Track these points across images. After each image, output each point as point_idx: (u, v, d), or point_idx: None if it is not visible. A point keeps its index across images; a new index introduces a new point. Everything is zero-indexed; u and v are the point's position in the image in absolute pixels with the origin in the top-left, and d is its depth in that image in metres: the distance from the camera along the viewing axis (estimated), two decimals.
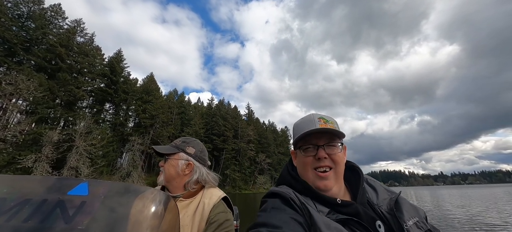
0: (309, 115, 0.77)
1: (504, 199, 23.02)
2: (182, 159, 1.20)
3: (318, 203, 0.65)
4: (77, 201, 0.41)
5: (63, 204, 0.41)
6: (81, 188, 0.43)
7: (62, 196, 0.42)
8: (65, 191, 0.43)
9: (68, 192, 0.43)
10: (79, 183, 0.44)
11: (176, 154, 1.21)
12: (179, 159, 1.20)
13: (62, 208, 0.40)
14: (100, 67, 40.54)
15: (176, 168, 1.18)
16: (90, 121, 33.23)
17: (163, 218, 0.47)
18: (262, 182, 62.44)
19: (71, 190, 0.43)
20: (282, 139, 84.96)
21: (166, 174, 1.18)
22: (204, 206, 1.09)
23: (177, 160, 1.20)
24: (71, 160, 29.02)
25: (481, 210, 15.18)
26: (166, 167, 1.19)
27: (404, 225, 0.60)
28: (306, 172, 0.72)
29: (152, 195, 0.49)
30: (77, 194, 0.42)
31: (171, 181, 1.18)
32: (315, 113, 0.79)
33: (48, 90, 30.13)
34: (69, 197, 0.42)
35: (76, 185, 0.44)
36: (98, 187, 0.46)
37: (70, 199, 0.42)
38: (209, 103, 72.89)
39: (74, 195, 0.42)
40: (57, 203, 0.40)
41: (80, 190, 0.43)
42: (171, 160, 1.19)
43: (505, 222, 10.77)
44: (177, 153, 1.21)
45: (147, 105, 46.26)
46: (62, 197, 0.42)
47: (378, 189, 0.74)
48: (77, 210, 0.40)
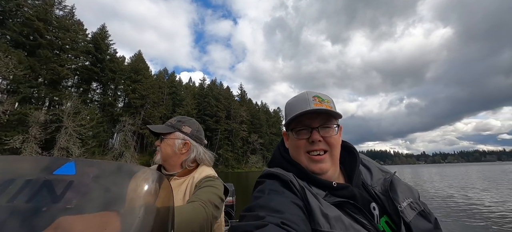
0: (303, 93, 0.72)
1: (473, 176, 25.49)
2: (179, 138, 1.20)
3: (314, 187, 0.63)
4: (65, 181, 0.40)
5: (50, 184, 0.39)
6: (68, 168, 0.42)
7: (48, 176, 0.40)
8: (51, 171, 0.41)
9: (54, 171, 0.41)
10: (65, 162, 0.42)
11: (172, 133, 1.20)
12: (175, 138, 1.20)
13: (49, 188, 0.38)
14: (83, 44, 38.31)
15: (173, 147, 1.18)
16: (78, 101, 32.22)
17: (158, 196, 0.46)
18: (254, 161, 64.38)
19: (57, 170, 0.41)
20: (275, 119, 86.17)
21: (163, 153, 1.18)
22: (192, 181, 1.11)
23: (173, 139, 1.19)
24: (61, 141, 28.60)
25: (449, 185, 17.28)
26: (163, 146, 1.18)
27: (398, 206, 0.60)
28: (299, 155, 0.69)
29: (145, 174, 0.48)
30: (64, 173, 0.41)
31: (168, 160, 1.19)
32: (310, 91, 0.74)
33: (29, 68, 28.53)
34: (56, 176, 0.40)
35: (62, 165, 0.42)
36: (86, 166, 0.45)
37: (57, 179, 0.40)
38: (201, 83, 71.74)
39: (60, 174, 0.41)
40: (43, 183, 0.39)
41: (67, 169, 0.41)
42: (167, 140, 1.19)
43: (467, 196, 12.01)
44: (173, 133, 1.20)
45: (136, 84, 44.95)
46: (48, 177, 0.40)
47: (372, 170, 0.73)
48: (65, 189, 0.39)
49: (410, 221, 0.58)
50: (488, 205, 9.20)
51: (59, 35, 33.19)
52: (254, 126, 71.27)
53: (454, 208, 8.90)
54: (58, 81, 33.81)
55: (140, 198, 0.43)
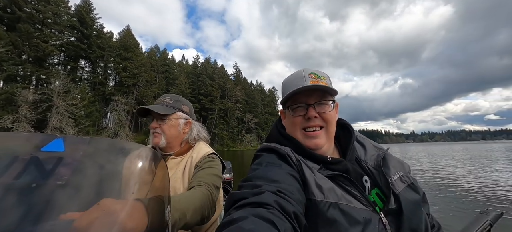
0: (299, 71, 0.73)
1: (458, 154, 26.91)
2: (181, 118, 1.20)
3: (309, 161, 0.66)
4: (54, 157, 0.39)
5: (38, 161, 0.38)
6: (56, 144, 0.40)
7: (35, 152, 0.39)
8: (38, 148, 0.40)
9: (42, 148, 0.40)
10: (53, 139, 0.41)
11: (174, 113, 1.17)
12: (178, 118, 1.18)
13: (37, 165, 0.38)
14: (66, 18, 35.89)
15: (177, 128, 1.17)
16: (67, 80, 31.14)
17: (155, 175, 0.46)
18: (249, 140, 65.54)
19: (44, 147, 0.40)
20: (270, 99, 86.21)
21: (167, 135, 1.14)
22: (191, 160, 1.11)
23: (177, 119, 1.18)
24: (53, 120, 28.17)
25: (431, 160, 18.85)
26: (166, 128, 1.14)
27: (389, 179, 0.64)
28: (295, 132, 0.71)
29: (140, 151, 0.48)
30: (52, 150, 0.40)
31: (172, 142, 1.17)
32: (306, 68, 0.74)
33: (10, 44, 26.91)
34: (44, 153, 0.39)
35: (49, 141, 0.41)
36: (76, 143, 0.44)
37: (45, 155, 0.39)
38: (195, 61, 69.70)
39: (49, 151, 0.39)
40: (31, 160, 0.38)
41: (55, 146, 0.40)
42: (171, 121, 1.16)
43: (444, 171, 12.90)
44: (175, 113, 1.18)
45: (127, 62, 43.32)
46: (36, 153, 0.39)
47: (367, 146, 0.76)
48: (55, 166, 0.38)
49: (399, 193, 0.62)
50: (457, 178, 9.98)
51: (39, 8, 30.87)
52: (249, 105, 71.35)
53: (430, 181, 9.59)
54: (44, 58, 32.22)
55: (138, 176, 0.42)
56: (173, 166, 1.11)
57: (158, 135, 1.13)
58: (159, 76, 55.26)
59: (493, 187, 7.90)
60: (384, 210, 0.59)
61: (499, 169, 12.47)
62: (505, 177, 9.79)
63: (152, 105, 1.18)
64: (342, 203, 0.56)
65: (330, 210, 0.54)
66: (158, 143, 1.13)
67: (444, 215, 5.17)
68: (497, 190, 7.43)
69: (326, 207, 0.55)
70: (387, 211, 0.59)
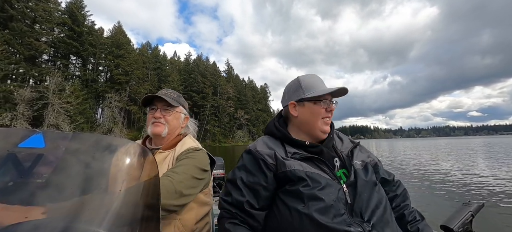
0: (313, 75, 0.95)
1: (441, 149, 27.65)
2: (183, 113, 1.26)
3: (290, 146, 0.85)
4: (33, 154, 0.36)
5: (15, 158, 0.35)
6: (35, 140, 0.37)
7: (12, 148, 0.36)
8: (15, 144, 0.36)
9: (19, 144, 0.36)
10: (31, 134, 0.38)
11: (178, 107, 1.23)
12: (180, 112, 1.24)
13: (15, 162, 0.35)
14: (57, 14, 36.12)
15: (179, 120, 1.23)
16: (61, 78, 31.84)
17: (143, 169, 0.45)
18: (241, 136, 67.49)
19: (22, 143, 0.37)
20: (261, 96, 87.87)
21: (171, 126, 1.18)
22: (174, 153, 1.13)
23: (179, 113, 1.24)
24: (49, 118, 28.95)
25: (416, 155, 19.55)
26: (171, 118, 1.18)
27: (352, 162, 0.84)
28: (316, 120, 0.87)
29: (128, 148, 0.46)
30: (31, 146, 0.36)
31: (172, 133, 1.21)
32: (314, 74, 0.97)
33: (5, 43, 27.38)
34: (21, 149, 0.36)
35: (28, 137, 0.37)
36: (58, 138, 0.41)
37: (23, 152, 0.36)
38: (187, 58, 70.21)
39: (27, 147, 0.36)
40: (8, 157, 0.35)
41: (34, 142, 0.37)
42: (175, 113, 1.21)
43: (433, 165, 12.62)
44: (179, 107, 1.23)
45: (119, 60, 43.91)
46: (13, 150, 0.36)
47: (344, 140, 0.97)
48: (34, 163, 0.35)
49: (357, 171, 0.81)
50: (441, 171, 10.10)
51: (29, 5, 31.15)
52: (241, 102, 72.76)
53: (415, 174, 9.64)
54: (36, 57, 32.65)
55: (125, 171, 0.41)
56: (160, 161, 1.12)
57: (162, 125, 1.16)
58: (151, 73, 55.79)
59: (475, 180, 8.09)
60: (346, 183, 0.77)
61: (480, 162, 12.73)
62: (486, 170, 10.02)
63: (169, 96, 1.21)
64: (309, 171, 0.75)
65: (298, 173, 0.74)
66: (160, 133, 1.15)
67: (428, 207, 5.24)
68: (479, 183, 7.62)
69: (296, 173, 0.75)
70: (348, 184, 0.77)
